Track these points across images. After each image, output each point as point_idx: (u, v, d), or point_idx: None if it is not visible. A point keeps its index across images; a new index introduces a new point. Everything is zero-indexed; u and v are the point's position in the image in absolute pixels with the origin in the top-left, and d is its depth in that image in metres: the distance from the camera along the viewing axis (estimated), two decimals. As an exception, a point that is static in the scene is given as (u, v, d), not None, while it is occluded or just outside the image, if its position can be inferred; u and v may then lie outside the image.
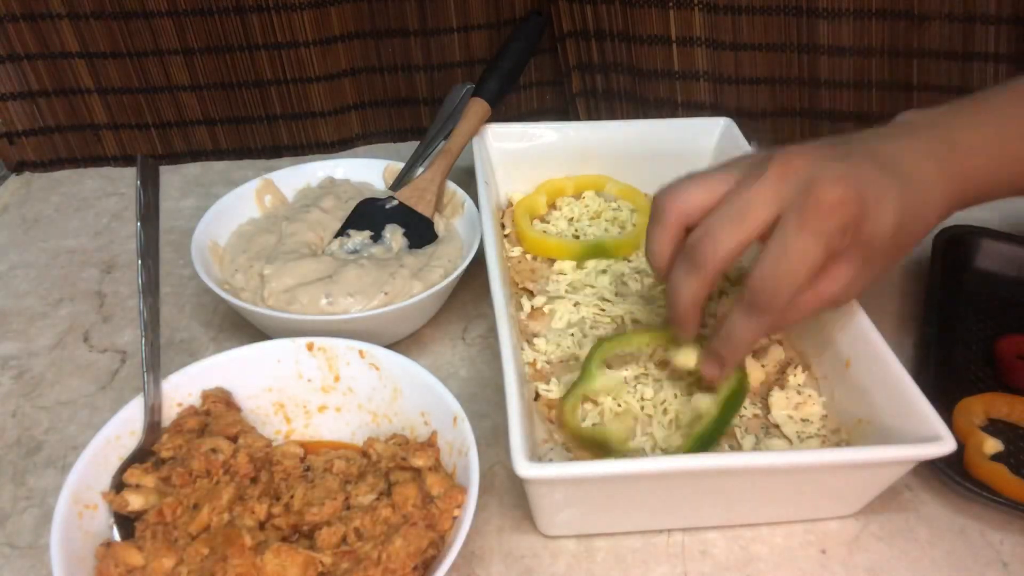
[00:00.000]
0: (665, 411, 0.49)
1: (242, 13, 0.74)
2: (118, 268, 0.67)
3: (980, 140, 0.46)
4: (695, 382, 0.50)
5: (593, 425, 0.49)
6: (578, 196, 0.69)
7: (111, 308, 0.63)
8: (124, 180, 0.79)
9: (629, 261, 0.62)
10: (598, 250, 0.61)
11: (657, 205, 0.46)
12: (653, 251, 0.46)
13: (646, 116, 0.78)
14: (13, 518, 0.47)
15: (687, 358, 0.49)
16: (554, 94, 0.85)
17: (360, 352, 0.48)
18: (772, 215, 0.41)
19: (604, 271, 0.61)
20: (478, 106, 0.67)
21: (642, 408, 0.49)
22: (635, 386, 0.50)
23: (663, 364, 0.51)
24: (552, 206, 0.68)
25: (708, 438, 0.46)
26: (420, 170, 0.67)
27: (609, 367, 0.52)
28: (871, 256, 0.43)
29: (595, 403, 0.50)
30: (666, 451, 0.47)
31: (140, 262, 0.46)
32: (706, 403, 0.47)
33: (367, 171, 0.70)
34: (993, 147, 0.47)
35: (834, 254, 0.42)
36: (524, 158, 0.68)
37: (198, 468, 0.43)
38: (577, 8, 0.76)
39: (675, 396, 0.49)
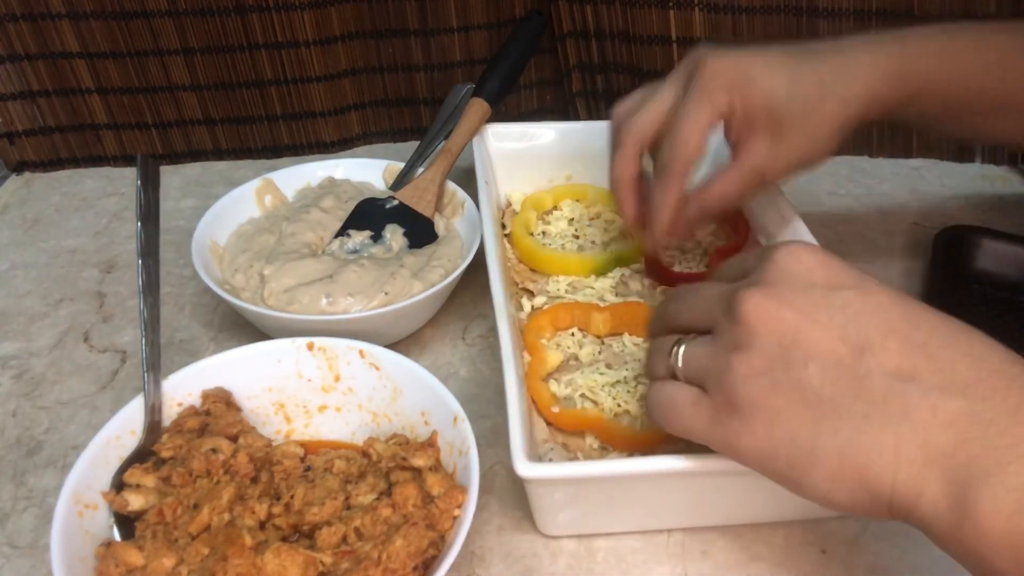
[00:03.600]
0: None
1: (242, 13, 0.74)
2: (118, 268, 0.67)
3: (924, 40, 0.51)
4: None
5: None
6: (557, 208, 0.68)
7: (111, 308, 0.63)
8: (124, 180, 0.79)
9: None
10: (620, 260, 0.60)
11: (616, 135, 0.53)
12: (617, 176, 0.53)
13: (646, 116, 0.78)
14: (13, 518, 0.47)
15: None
16: (554, 94, 0.85)
17: (360, 352, 0.48)
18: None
19: (604, 271, 0.61)
20: (478, 106, 0.67)
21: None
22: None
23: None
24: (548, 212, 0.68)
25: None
26: (420, 170, 0.67)
27: (609, 367, 0.52)
28: (779, 126, 0.48)
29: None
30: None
31: (140, 262, 0.46)
32: None
33: (367, 171, 0.70)
34: (936, 45, 0.51)
35: (737, 122, 0.48)
36: (524, 158, 0.68)
37: (198, 468, 0.43)
38: (577, 8, 0.76)
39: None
